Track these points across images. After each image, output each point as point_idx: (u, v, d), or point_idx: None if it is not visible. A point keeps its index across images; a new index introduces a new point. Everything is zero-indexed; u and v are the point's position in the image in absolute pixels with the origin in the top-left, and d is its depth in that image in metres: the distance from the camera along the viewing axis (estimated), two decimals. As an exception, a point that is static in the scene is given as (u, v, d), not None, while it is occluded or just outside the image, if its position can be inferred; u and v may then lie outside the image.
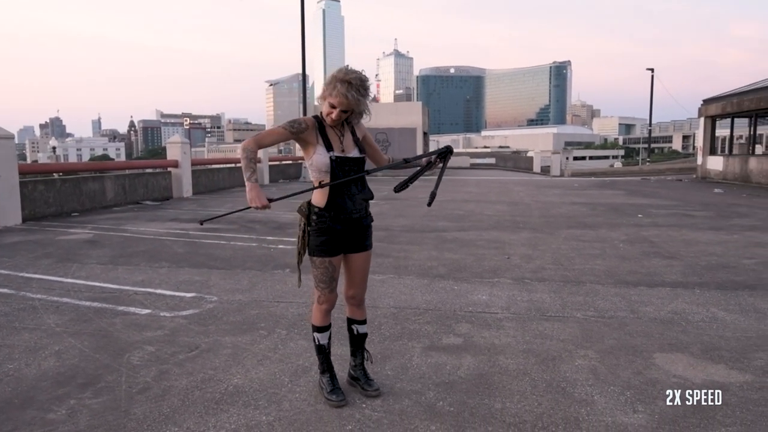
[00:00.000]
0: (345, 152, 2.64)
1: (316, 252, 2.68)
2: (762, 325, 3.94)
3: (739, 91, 19.25)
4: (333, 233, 2.64)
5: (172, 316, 4.25)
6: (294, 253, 2.89)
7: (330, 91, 2.50)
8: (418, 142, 27.65)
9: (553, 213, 10.82)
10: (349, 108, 2.53)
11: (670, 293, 4.80)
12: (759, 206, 11.84)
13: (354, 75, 2.49)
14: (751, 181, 18.02)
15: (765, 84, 18.22)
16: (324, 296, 2.73)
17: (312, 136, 2.60)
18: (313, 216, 2.66)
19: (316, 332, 2.80)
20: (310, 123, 2.60)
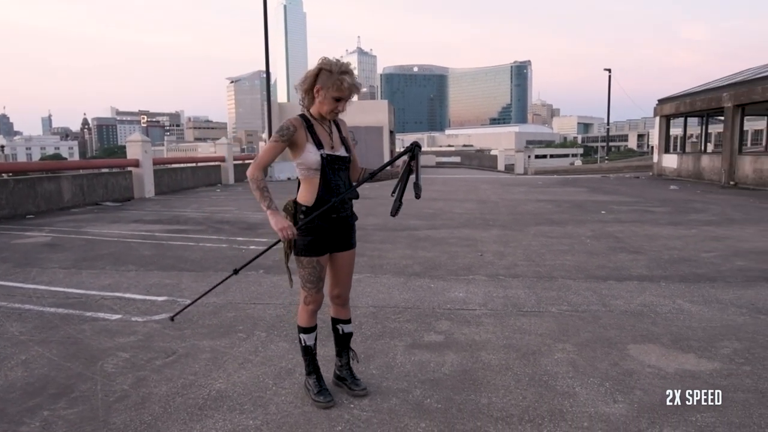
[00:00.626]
0: (334, 150, 2.62)
1: (304, 251, 2.64)
2: (724, 315, 4.14)
3: (692, 92, 20.15)
4: (320, 232, 2.61)
5: (145, 320, 4.12)
6: (281, 254, 2.83)
7: (335, 88, 2.49)
8: (384, 140, 27.70)
9: (521, 210, 11.05)
10: (353, 96, 2.56)
11: (638, 287, 4.98)
12: (713, 202, 12.43)
13: (345, 65, 2.53)
14: (704, 178, 18.89)
15: (715, 85, 19.14)
16: (311, 296, 2.70)
17: (302, 137, 2.56)
18: (300, 215, 2.62)
19: (302, 333, 2.77)
20: (297, 123, 2.57)
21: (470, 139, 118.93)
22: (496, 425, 2.49)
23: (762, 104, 16.41)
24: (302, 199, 2.64)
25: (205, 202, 13.51)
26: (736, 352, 3.37)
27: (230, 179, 21.09)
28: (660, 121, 22.26)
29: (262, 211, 2.56)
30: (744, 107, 17.01)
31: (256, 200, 2.64)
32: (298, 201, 2.67)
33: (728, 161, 17.24)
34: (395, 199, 2.59)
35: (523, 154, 33.82)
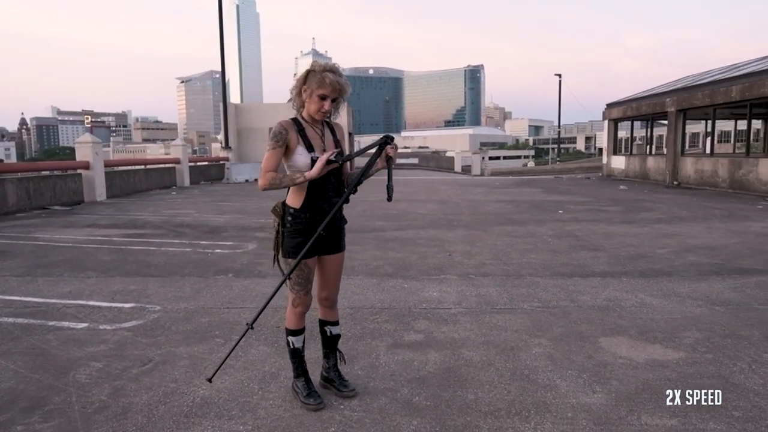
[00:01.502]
0: (325, 153, 2.59)
1: (292, 253, 2.61)
2: (683, 307, 4.39)
3: (638, 97, 21.20)
4: (308, 235, 2.59)
5: (114, 328, 3.96)
6: (271, 256, 2.80)
7: (318, 84, 2.49)
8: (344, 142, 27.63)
9: (482, 211, 11.30)
10: (340, 94, 2.53)
11: (601, 282, 5.20)
12: (660, 201, 13.11)
13: (331, 64, 2.56)
14: (650, 178, 19.90)
15: (660, 90, 20.22)
16: (299, 299, 2.69)
17: (293, 139, 2.55)
18: (288, 217, 2.61)
19: (290, 336, 2.75)
20: (288, 126, 2.56)
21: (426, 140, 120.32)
22: (486, 419, 2.56)
23: (701, 109, 17.46)
24: (291, 202, 2.62)
25: (162, 205, 13.07)
26: (698, 342, 3.59)
27: (185, 182, 20.48)
28: (609, 125, 23.29)
29: (223, 214, 2.51)
30: (686, 112, 18.04)
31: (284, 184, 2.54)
32: (286, 203, 2.65)
33: (672, 162, 18.24)
34: (351, 185, 2.55)
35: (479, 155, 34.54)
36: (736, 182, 15.24)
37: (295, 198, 2.60)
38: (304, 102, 2.57)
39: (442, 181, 24.70)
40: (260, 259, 6.41)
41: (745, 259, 6.22)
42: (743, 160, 15.40)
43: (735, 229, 8.49)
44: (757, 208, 11.34)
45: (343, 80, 2.51)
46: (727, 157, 16.48)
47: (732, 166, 15.55)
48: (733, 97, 15.03)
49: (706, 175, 16.65)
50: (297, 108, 2.62)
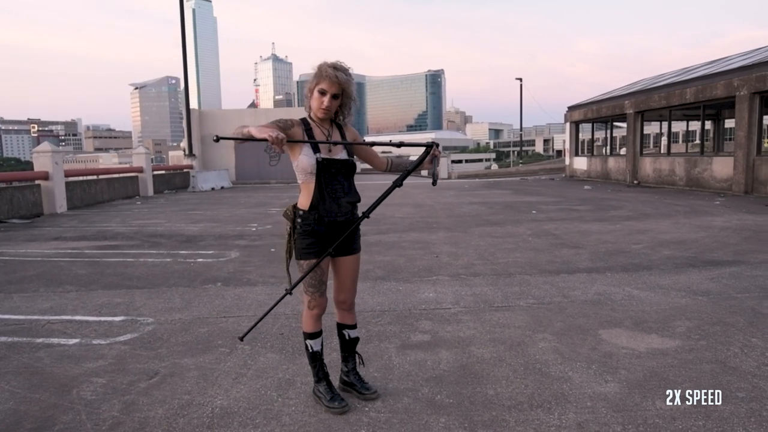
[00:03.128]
0: (332, 153, 2.59)
1: (303, 255, 2.61)
2: (669, 298, 4.60)
3: (598, 100, 22.02)
4: (318, 236, 2.59)
5: (109, 343, 3.82)
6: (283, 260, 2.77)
7: (318, 80, 2.51)
8: (311, 148, 27.48)
9: (458, 213, 11.46)
10: (341, 89, 2.52)
11: (588, 278, 5.38)
12: (625, 200, 13.64)
13: (337, 62, 2.54)
14: (611, 178, 20.66)
15: (618, 93, 21.06)
16: (314, 301, 2.67)
17: (297, 135, 2.54)
18: (297, 219, 2.61)
19: (308, 339, 2.73)
20: (296, 122, 2.56)
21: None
22: (511, 413, 2.62)
23: (658, 110, 18.29)
24: (300, 204, 2.62)
25: (129, 215, 12.65)
26: (690, 330, 3.77)
27: (149, 191, 19.88)
28: (570, 127, 24.05)
29: (196, 223, 2.49)
30: (643, 113, 18.86)
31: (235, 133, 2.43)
32: (297, 206, 2.64)
33: (632, 162, 19.01)
34: (433, 172, 2.65)
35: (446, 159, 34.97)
36: (692, 180, 16.03)
37: (304, 199, 2.60)
38: (310, 103, 2.59)
39: (412, 184, 24.83)
40: (246, 267, 6.31)
41: (715, 251, 6.56)
42: (698, 159, 16.22)
43: (699, 224, 8.93)
44: (714, 204, 11.96)
45: (343, 75, 2.49)
46: (683, 156, 17.32)
47: (688, 164, 16.35)
48: (688, 99, 15.83)
49: (664, 174, 17.43)
50: (306, 109, 2.65)
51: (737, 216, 9.75)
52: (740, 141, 13.90)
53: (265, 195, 18.72)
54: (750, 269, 5.57)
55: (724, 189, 14.64)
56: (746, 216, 9.75)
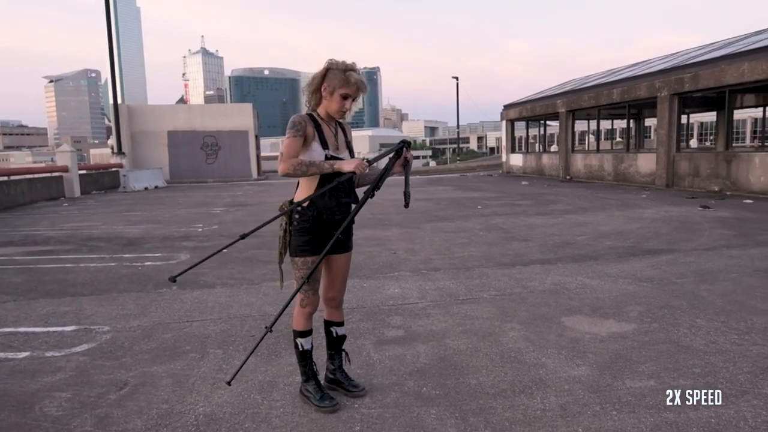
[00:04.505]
0: (339, 152, 2.61)
1: (299, 252, 2.59)
2: (618, 286, 4.93)
3: (533, 99, 23.02)
4: (315, 233, 2.58)
5: (64, 354, 3.58)
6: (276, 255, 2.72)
7: (341, 83, 2.48)
8: (250, 145, 26.82)
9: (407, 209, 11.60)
10: (359, 93, 2.54)
11: (542, 269, 5.65)
12: (561, 194, 14.37)
13: (352, 63, 2.53)
14: (545, 174, 21.69)
15: (551, 93, 22.12)
16: (308, 298, 2.65)
17: (310, 133, 2.52)
18: (295, 215, 2.58)
19: (299, 338, 2.70)
20: (306, 119, 2.53)
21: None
22: (497, 400, 2.72)
23: (587, 110, 19.40)
24: (299, 199, 2.59)
25: (57, 218, 11.80)
26: (642, 314, 4.07)
27: (76, 191, 18.62)
28: (506, 125, 24.99)
29: (135, 224, 2.43)
30: (574, 112, 19.93)
31: (310, 171, 2.49)
32: (294, 201, 2.61)
33: (564, 159, 20.05)
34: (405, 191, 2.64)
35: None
36: (619, 175, 17.16)
37: (304, 194, 2.58)
38: (321, 99, 2.55)
39: (353, 182, 24.88)
40: (200, 269, 6.08)
41: (650, 241, 7.08)
42: (625, 156, 17.38)
43: (632, 216, 9.59)
44: (642, 197, 12.88)
45: (363, 79, 2.53)
46: (611, 153, 18.49)
47: (616, 161, 17.49)
48: (615, 99, 16.91)
49: (594, 170, 18.53)
50: (311, 106, 2.60)
51: (664, 208, 10.56)
52: (662, 138, 15.05)
53: (205, 194, 18.07)
54: (683, 256, 6.07)
55: (648, 183, 15.80)
56: (671, 208, 10.59)
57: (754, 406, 2.58)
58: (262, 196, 16.61)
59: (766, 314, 3.97)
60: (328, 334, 2.88)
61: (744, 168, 12.75)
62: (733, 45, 14.73)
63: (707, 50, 15.98)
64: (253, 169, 26.97)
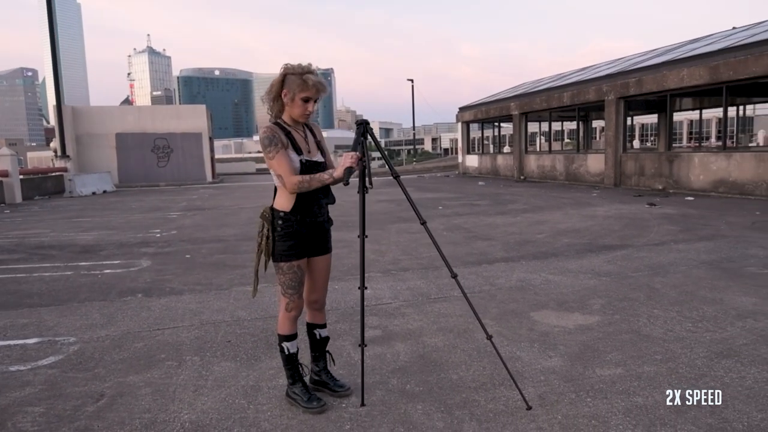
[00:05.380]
0: (311, 155, 2.63)
1: (284, 257, 2.61)
2: (579, 281, 5.17)
3: (487, 101, 23.61)
4: (299, 237, 2.61)
5: (31, 368, 3.44)
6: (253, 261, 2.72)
7: (300, 88, 2.49)
8: (204, 148, 26.15)
9: (369, 210, 11.67)
10: (320, 95, 2.54)
11: (507, 267, 5.85)
12: (517, 194, 14.83)
13: (307, 66, 2.53)
14: (500, 174, 22.29)
15: (505, 96, 22.77)
16: (293, 302, 2.68)
17: (283, 140, 2.54)
18: (278, 221, 2.59)
19: (285, 342, 2.72)
20: (275, 129, 2.55)
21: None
22: (479, 393, 2.83)
23: (539, 112, 20.10)
24: (280, 206, 2.61)
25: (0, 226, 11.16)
26: (604, 307, 4.30)
27: (17, 197, 17.62)
28: (462, 126, 25.50)
29: (88, 231, 2.43)
30: (527, 115, 20.60)
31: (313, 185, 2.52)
32: (275, 207, 2.63)
33: (518, 159, 20.68)
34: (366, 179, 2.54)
35: (344, 158, 35.20)
36: (570, 175, 17.88)
37: (285, 201, 2.60)
38: (283, 106, 2.57)
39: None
40: (164, 276, 5.94)
41: (605, 237, 7.46)
42: (575, 156, 18.12)
43: (586, 214, 10.04)
44: (593, 196, 13.47)
45: (322, 79, 2.54)
46: (563, 154, 19.23)
47: (567, 161, 18.20)
48: (565, 102, 17.61)
49: (546, 170, 19.21)
50: (274, 114, 2.60)
51: (614, 206, 11.11)
52: (609, 140, 15.81)
53: (158, 199, 17.50)
54: (636, 252, 6.43)
55: (597, 182, 16.54)
56: (621, 206, 11.15)
57: (713, 387, 2.80)
58: (220, 200, 16.26)
59: (714, 303, 4.29)
60: (312, 337, 2.91)
61: (685, 167, 13.58)
62: (673, 52, 15.66)
63: (649, 56, 16.90)
64: (207, 172, 26.32)
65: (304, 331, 2.95)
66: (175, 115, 26.01)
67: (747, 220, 8.68)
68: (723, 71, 12.06)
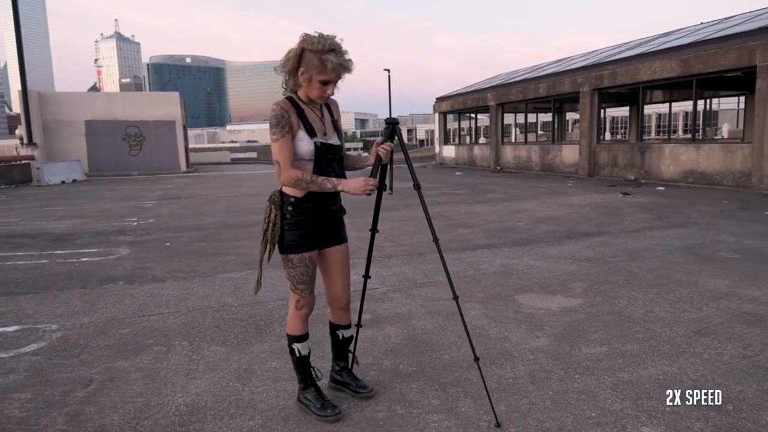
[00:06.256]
0: (327, 137, 2.37)
1: (294, 248, 2.35)
2: (560, 266, 5.30)
3: (464, 92, 23.74)
4: (311, 226, 2.37)
5: (13, 355, 3.36)
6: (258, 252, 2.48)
7: (318, 70, 2.20)
8: (178, 136, 25.60)
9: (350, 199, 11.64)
10: (342, 76, 2.27)
11: (489, 253, 5.95)
12: (495, 184, 15.02)
13: (331, 40, 2.20)
14: (477, 165, 22.51)
15: (481, 87, 22.94)
16: (304, 299, 2.44)
17: (294, 123, 2.27)
18: (288, 207, 2.33)
19: (295, 343, 2.47)
20: (287, 107, 2.26)
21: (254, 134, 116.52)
22: (470, 372, 2.89)
23: (515, 103, 20.33)
24: (291, 191, 2.34)
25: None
26: (585, 290, 4.43)
27: (-19, 186, 16.97)
28: (439, 117, 25.61)
29: (60, 220, 2.34)
30: (503, 105, 20.81)
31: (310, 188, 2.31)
32: (285, 192, 2.36)
33: (495, 150, 20.91)
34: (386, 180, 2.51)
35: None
36: (546, 165, 18.18)
37: (294, 189, 2.33)
38: (300, 84, 2.28)
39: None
40: (145, 264, 5.85)
41: (582, 225, 7.64)
42: (551, 147, 18.43)
43: (562, 202, 10.25)
44: (568, 186, 13.75)
45: (345, 60, 2.21)
46: (538, 145, 19.53)
47: (542, 152, 18.50)
48: (541, 93, 17.86)
49: (522, 160, 19.49)
50: (290, 89, 2.33)
51: (589, 195, 11.37)
52: (584, 131, 16.12)
53: (131, 188, 17.10)
54: (613, 238, 6.61)
55: (572, 173, 16.87)
56: (596, 195, 11.41)
57: (693, 363, 2.93)
58: (196, 189, 15.98)
59: (689, 286, 4.46)
60: (334, 337, 2.68)
61: (656, 158, 13.97)
62: (645, 45, 16.02)
63: (622, 49, 17.26)
64: (181, 161, 25.80)
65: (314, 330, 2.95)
66: (148, 102, 25.36)
67: (716, 208, 9.01)
68: (693, 64, 12.42)
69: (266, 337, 3.53)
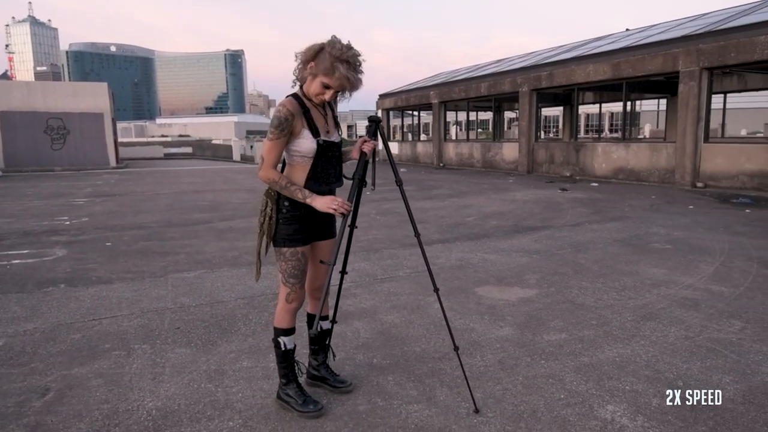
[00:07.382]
0: (330, 134, 2.42)
1: (287, 242, 2.39)
2: (512, 259, 5.53)
3: (407, 89, 24.00)
4: (306, 221, 2.41)
5: (-50, 365, 3.08)
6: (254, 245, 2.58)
7: (327, 72, 2.23)
8: (106, 129, 24.15)
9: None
10: (345, 90, 2.32)
11: (444, 248, 6.10)
12: (439, 180, 15.33)
13: (352, 53, 2.24)
14: (420, 162, 22.86)
15: (424, 84, 23.28)
16: (294, 293, 2.46)
17: (298, 125, 2.31)
18: (284, 202, 2.37)
19: (282, 336, 2.48)
20: (294, 109, 2.28)
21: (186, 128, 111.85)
22: (443, 362, 2.98)
23: (457, 101, 20.81)
24: None
25: None
26: (539, 281, 4.65)
27: None
28: (382, 114, 25.74)
29: None
30: (446, 104, 21.25)
31: (283, 192, 2.34)
32: None
33: (437, 147, 21.32)
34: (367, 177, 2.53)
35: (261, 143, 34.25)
36: (487, 162, 18.77)
37: (292, 182, 2.36)
38: (305, 77, 2.31)
39: (230, 169, 23.86)
40: (87, 265, 5.52)
41: (528, 219, 7.98)
42: (492, 145, 19.04)
43: (506, 198, 10.65)
44: (509, 182, 14.28)
45: (355, 76, 2.25)
46: (480, 142, 20.09)
47: (484, 149, 19.08)
48: (482, 92, 18.39)
49: (464, 158, 20.01)
50: (297, 78, 2.35)
51: (531, 191, 11.87)
52: (523, 129, 16.78)
53: (57, 184, 15.98)
54: (557, 232, 6.96)
55: (512, 170, 17.53)
56: (537, 191, 11.94)
57: (644, 345, 3.17)
58: (129, 186, 15.17)
59: (631, 275, 4.79)
60: None
61: (590, 156, 14.80)
62: (579, 48, 16.90)
63: (558, 52, 18.10)
64: (110, 156, 24.36)
65: (271, 311, 2.91)
66: (72, 92, 23.69)
67: (645, 203, 9.69)
68: (624, 68, 13.25)
69: (232, 337, 3.45)
